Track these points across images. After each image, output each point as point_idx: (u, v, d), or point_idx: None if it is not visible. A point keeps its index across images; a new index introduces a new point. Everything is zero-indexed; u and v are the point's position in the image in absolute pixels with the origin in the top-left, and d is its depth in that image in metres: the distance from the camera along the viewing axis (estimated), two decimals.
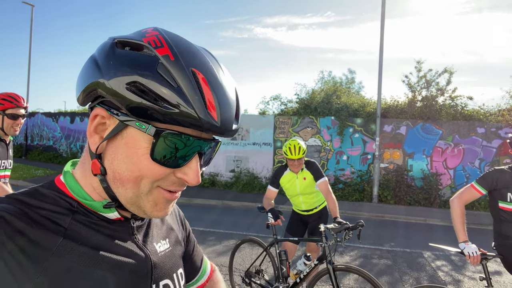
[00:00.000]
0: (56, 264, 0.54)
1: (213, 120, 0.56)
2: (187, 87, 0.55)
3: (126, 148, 0.59)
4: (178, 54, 0.57)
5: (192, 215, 8.62)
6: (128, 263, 0.63)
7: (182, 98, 0.54)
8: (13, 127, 2.78)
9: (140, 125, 0.56)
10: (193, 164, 0.61)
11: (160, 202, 0.62)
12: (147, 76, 0.54)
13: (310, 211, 4.04)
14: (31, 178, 13.06)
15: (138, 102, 0.54)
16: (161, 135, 0.56)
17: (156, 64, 0.55)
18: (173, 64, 0.56)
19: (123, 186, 0.60)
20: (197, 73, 0.57)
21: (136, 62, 0.56)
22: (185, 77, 0.55)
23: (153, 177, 0.59)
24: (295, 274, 3.48)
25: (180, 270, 0.77)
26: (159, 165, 0.58)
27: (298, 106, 13.37)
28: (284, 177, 3.92)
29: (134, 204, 0.61)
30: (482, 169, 11.38)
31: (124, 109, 0.56)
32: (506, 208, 2.68)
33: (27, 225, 0.54)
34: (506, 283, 4.95)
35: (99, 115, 0.60)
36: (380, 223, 9.11)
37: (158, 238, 0.74)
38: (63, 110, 19.27)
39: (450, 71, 11.95)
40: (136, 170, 0.58)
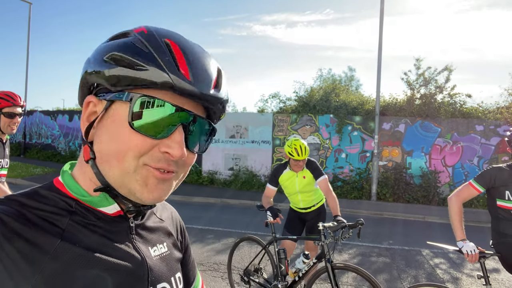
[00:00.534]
0: (53, 266, 0.54)
1: (184, 78, 0.57)
2: (158, 50, 0.58)
3: (111, 125, 0.59)
4: (153, 29, 0.61)
5: (191, 214, 8.62)
6: (125, 265, 0.62)
7: (152, 59, 0.57)
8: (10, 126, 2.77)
9: (119, 95, 0.58)
10: (176, 135, 0.59)
11: (150, 181, 0.60)
12: (123, 48, 0.58)
13: (308, 209, 4.05)
14: (29, 176, 13.03)
15: (115, 73, 0.58)
16: (137, 99, 0.57)
17: (132, 39, 0.59)
18: (146, 35, 0.59)
19: (109, 164, 0.59)
20: (170, 42, 0.59)
21: (116, 43, 0.60)
22: (157, 43, 0.58)
23: (135, 149, 0.58)
24: (293, 273, 3.49)
25: (178, 274, 0.76)
26: (139, 134, 0.57)
27: (297, 104, 13.36)
28: (284, 176, 3.92)
29: (123, 185, 0.60)
30: (480, 167, 11.40)
31: (108, 86, 0.59)
32: (504, 206, 2.69)
33: (24, 226, 0.54)
34: (504, 281, 4.97)
35: (90, 102, 0.63)
36: (378, 221, 9.13)
37: (156, 241, 0.74)
38: (62, 108, 19.21)
39: (450, 69, 11.95)
40: (119, 144, 0.58)
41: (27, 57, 19.42)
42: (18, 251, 0.52)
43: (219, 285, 4.35)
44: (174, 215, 0.88)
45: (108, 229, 0.64)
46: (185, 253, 0.87)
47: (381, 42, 12.04)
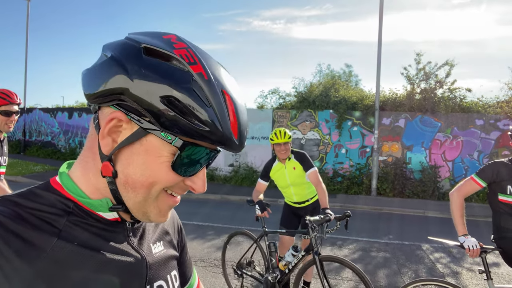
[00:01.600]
0: (50, 265, 0.54)
1: (234, 139, 0.60)
2: (219, 108, 0.58)
3: (145, 155, 0.59)
4: (211, 75, 0.59)
5: (191, 210, 8.63)
6: (123, 263, 0.63)
7: (214, 117, 0.57)
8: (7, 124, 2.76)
9: (165, 136, 0.58)
10: (202, 173, 0.65)
11: (164, 208, 0.65)
12: (182, 92, 0.56)
13: (302, 203, 4.05)
14: (29, 174, 13.03)
15: (170, 116, 0.56)
16: (186, 148, 0.59)
17: (190, 81, 0.57)
18: (206, 83, 0.58)
19: (134, 191, 0.61)
20: (225, 94, 0.60)
21: (170, 74, 0.56)
22: (217, 98, 0.58)
23: (167, 184, 0.61)
24: (284, 265, 3.55)
25: (174, 272, 0.77)
26: (175, 173, 0.60)
27: (296, 100, 13.35)
28: (274, 169, 3.97)
29: (140, 209, 0.63)
30: (480, 161, 11.41)
31: (149, 117, 0.57)
32: (506, 201, 2.68)
33: (21, 226, 0.54)
34: (505, 275, 4.98)
35: (115, 119, 0.59)
36: (378, 216, 9.15)
37: (153, 240, 0.74)
38: (61, 105, 19.20)
39: (451, 64, 11.91)
40: (152, 177, 0.60)
41: (26, 54, 19.38)
42: (14, 250, 0.52)
43: (219, 281, 4.36)
44: (172, 215, 0.88)
45: (105, 229, 0.64)
46: (182, 251, 0.88)
47: (380, 37, 12.00)
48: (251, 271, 3.99)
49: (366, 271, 5.04)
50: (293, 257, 3.47)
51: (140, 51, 0.58)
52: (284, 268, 3.54)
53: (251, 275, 3.96)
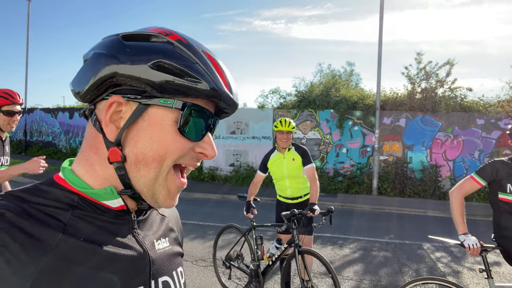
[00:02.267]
0: (55, 260, 0.54)
1: (227, 90, 0.64)
2: (204, 63, 0.63)
3: (150, 129, 0.62)
4: (188, 39, 0.64)
5: (192, 209, 8.64)
6: (127, 257, 0.63)
7: (202, 72, 0.62)
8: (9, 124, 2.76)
9: (165, 101, 0.61)
10: (208, 138, 0.67)
11: (172, 190, 0.65)
12: (168, 56, 0.60)
13: (295, 199, 4.07)
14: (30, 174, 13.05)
15: (164, 79, 0.60)
16: (187, 107, 0.62)
17: (173, 47, 0.62)
18: (187, 46, 0.63)
19: (146, 167, 0.62)
20: (206, 54, 0.64)
21: (153, 47, 0.62)
22: (200, 55, 0.63)
23: (178, 152, 0.63)
24: (268, 257, 3.72)
25: (180, 268, 0.77)
26: (184, 138, 0.63)
27: (297, 99, 13.35)
28: (272, 159, 4.01)
29: (150, 189, 0.64)
30: (481, 161, 11.40)
31: (148, 89, 0.61)
32: (506, 199, 2.68)
33: (26, 221, 0.55)
34: (505, 274, 4.98)
35: (115, 102, 0.62)
36: (379, 215, 9.15)
37: (158, 235, 0.74)
38: (62, 105, 19.23)
39: (451, 63, 11.90)
40: (162, 148, 0.61)
41: (27, 54, 19.41)
42: (20, 245, 0.52)
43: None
44: (175, 213, 0.89)
45: (110, 222, 0.64)
46: None
47: (381, 37, 12.00)
48: (239, 264, 4.12)
49: (367, 270, 5.05)
50: (276, 250, 3.66)
51: (119, 40, 0.63)
52: (268, 260, 3.71)
53: (238, 267, 4.09)
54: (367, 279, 4.73)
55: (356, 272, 4.94)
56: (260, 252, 3.82)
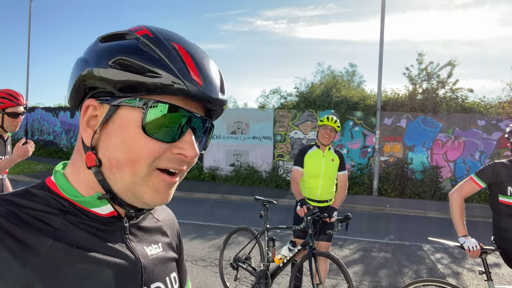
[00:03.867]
0: (45, 266, 0.54)
1: (197, 84, 0.59)
2: (169, 56, 0.58)
3: (119, 131, 0.59)
4: (156, 32, 0.61)
5: (192, 209, 8.64)
6: (118, 264, 0.62)
7: (165, 66, 0.57)
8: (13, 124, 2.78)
9: (129, 101, 0.58)
10: (188, 137, 0.61)
11: (161, 187, 0.61)
12: (130, 53, 0.58)
13: (321, 202, 3.83)
14: (31, 173, 13.08)
15: (124, 78, 0.57)
16: (150, 105, 0.58)
17: (137, 43, 0.59)
18: (152, 39, 0.59)
19: (120, 171, 0.60)
20: (177, 46, 0.60)
21: (119, 45, 0.60)
22: (166, 48, 0.59)
23: (149, 155, 0.59)
24: (279, 259, 3.66)
25: (173, 274, 0.76)
26: (153, 140, 0.58)
27: (297, 100, 13.34)
28: (310, 154, 3.85)
29: (131, 191, 0.61)
30: (482, 162, 11.38)
31: (114, 90, 0.59)
32: (506, 202, 2.68)
33: (16, 226, 0.54)
34: (505, 275, 4.97)
35: (90, 106, 0.61)
36: (380, 216, 9.14)
37: (150, 241, 0.73)
38: (63, 104, 19.22)
39: (453, 64, 11.89)
40: (132, 151, 0.58)
41: (28, 53, 19.43)
42: (9, 251, 0.52)
43: (220, 281, 4.37)
44: (171, 217, 0.87)
45: (101, 229, 0.63)
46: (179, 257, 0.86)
47: (382, 38, 11.99)
48: (247, 266, 4.08)
49: (366, 271, 5.05)
50: (289, 252, 3.59)
51: (96, 42, 0.63)
52: (279, 262, 3.65)
53: (245, 268, 4.05)
54: (367, 280, 4.73)
55: (356, 273, 4.94)
56: (271, 254, 3.75)
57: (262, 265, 3.78)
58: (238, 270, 4.20)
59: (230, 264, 4.21)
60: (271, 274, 3.71)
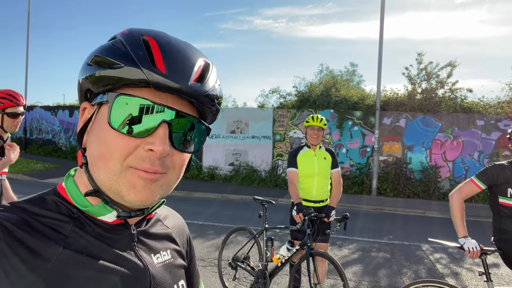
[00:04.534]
0: (55, 274, 0.54)
1: (159, 72, 0.56)
2: (134, 48, 0.58)
3: (97, 128, 0.61)
4: (134, 29, 0.62)
5: (191, 209, 8.64)
6: (127, 273, 0.62)
7: (127, 56, 0.57)
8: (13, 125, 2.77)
9: (102, 98, 0.59)
10: (159, 131, 0.58)
11: (137, 183, 0.58)
12: (104, 50, 0.60)
13: (318, 202, 3.83)
14: (30, 172, 13.06)
15: (96, 73, 0.59)
16: (115, 99, 0.57)
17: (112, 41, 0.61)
18: (125, 35, 0.61)
19: (96, 168, 0.60)
20: (148, 38, 0.59)
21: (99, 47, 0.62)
22: (134, 40, 0.59)
23: (119, 151, 0.57)
24: (277, 259, 3.67)
25: (181, 281, 0.75)
26: (122, 134, 0.57)
27: (297, 99, 13.35)
28: (302, 154, 3.86)
29: (110, 188, 0.59)
30: (481, 162, 11.40)
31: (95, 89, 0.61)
32: (506, 204, 2.68)
33: (27, 234, 0.54)
34: (504, 276, 4.98)
35: (86, 109, 0.64)
36: (378, 216, 9.15)
37: (159, 248, 0.73)
38: (62, 103, 19.21)
39: (453, 64, 11.91)
40: (103, 146, 0.58)
41: (27, 51, 19.37)
42: (20, 259, 0.52)
43: (219, 281, 4.37)
44: (181, 224, 0.86)
45: (109, 237, 0.63)
46: (190, 262, 0.86)
47: (381, 37, 11.99)
48: (245, 266, 4.08)
49: (366, 271, 5.05)
50: (287, 251, 3.60)
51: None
52: (277, 261, 3.66)
53: (244, 267, 4.06)
54: (366, 280, 4.74)
55: (355, 273, 4.95)
56: (270, 253, 3.77)
57: (260, 265, 3.79)
58: (236, 270, 4.21)
59: (229, 263, 4.22)
60: (270, 274, 3.72)
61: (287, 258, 3.59)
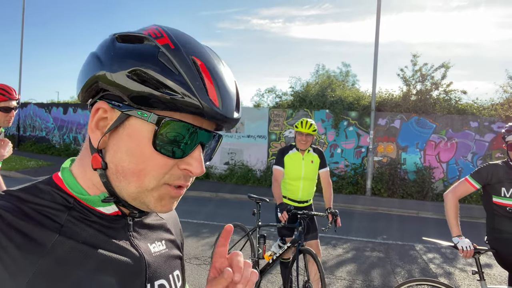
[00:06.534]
0: (51, 260, 0.54)
1: (215, 106, 0.57)
2: (188, 74, 0.56)
3: (128, 140, 0.59)
4: (178, 43, 0.58)
5: (187, 208, 8.61)
6: (122, 261, 0.62)
7: (184, 84, 0.56)
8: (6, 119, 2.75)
9: (142, 114, 0.57)
10: (196, 153, 0.61)
11: (166, 198, 0.62)
12: (148, 64, 0.56)
13: (303, 203, 3.90)
14: (23, 169, 12.94)
15: (140, 90, 0.56)
16: (163, 122, 0.57)
17: (157, 53, 0.57)
18: (173, 52, 0.57)
19: (126, 179, 0.60)
20: (197, 61, 0.58)
21: (137, 52, 0.57)
22: (186, 64, 0.57)
23: (157, 170, 0.59)
24: (269, 256, 3.69)
25: (176, 272, 0.76)
26: (161, 155, 0.58)
27: (293, 99, 13.36)
28: (290, 156, 3.83)
29: (136, 199, 0.61)
30: (474, 163, 11.49)
31: (126, 99, 0.57)
32: (500, 203, 2.70)
33: (22, 221, 0.54)
34: (496, 276, 5.03)
35: (100, 109, 0.60)
36: (373, 216, 9.19)
37: (154, 238, 0.74)
38: (56, 100, 19.07)
39: (447, 66, 11.99)
40: (140, 163, 0.58)
41: (21, 48, 19.21)
42: (16, 246, 0.52)
43: None
44: (174, 215, 0.87)
45: (105, 226, 0.63)
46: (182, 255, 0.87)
47: (377, 38, 12.05)
48: None
49: (359, 270, 5.07)
50: (279, 248, 3.63)
51: (113, 40, 0.61)
52: (268, 258, 3.68)
53: None
54: (360, 279, 4.75)
55: (349, 272, 4.96)
56: (262, 250, 3.76)
57: (251, 261, 3.77)
58: None
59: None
60: (261, 271, 3.74)
61: (278, 255, 3.61)
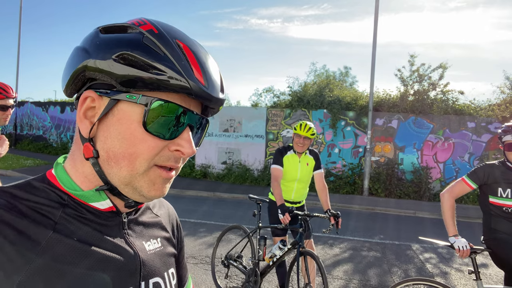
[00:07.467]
0: (45, 257, 0.54)
1: (201, 84, 0.59)
2: (174, 55, 0.58)
3: (118, 125, 0.59)
4: (161, 29, 0.60)
5: (184, 207, 8.60)
6: (117, 259, 0.63)
7: (170, 63, 0.57)
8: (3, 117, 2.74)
9: (130, 97, 0.58)
10: (186, 135, 0.62)
11: (158, 181, 0.62)
12: (134, 48, 0.57)
13: (296, 203, 3.94)
14: (20, 168, 12.89)
15: (127, 73, 0.57)
16: (152, 103, 0.58)
17: (141, 38, 0.58)
18: (157, 35, 0.59)
19: (117, 164, 0.60)
20: (181, 44, 0.60)
21: (122, 39, 0.59)
22: (171, 46, 0.58)
23: (148, 152, 0.59)
24: (269, 258, 3.66)
25: (171, 269, 0.76)
26: (152, 136, 0.59)
27: (290, 99, 13.36)
28: (288, 157, 3.84)
29: (128, 184, 0.61)
30: (471, 163, 11.53)
31: (115, 84, 0.58)
32: (496, 203, 2.72)
33: (16, 218, 0.54)
34: (493, 275, 5.05)
35: (88, 97, 0.61)
36: (370, 215, 9.21)
37: (149, 236, 0.74)
38: (53, 99, 18.99)
39: (444, 66, 12.02)
40: (131, 146, 0.59)
41: (18, 47, 19.11)
42: (9, 242, 0.52)
43: (210, 278, 4.36)
44: (170, 212, 0.88)
45: (100, 223, 0.63)
46: (180, 252, 0.86)
47: (375, 39, 12.06)
48: (238, 264, 4.07)
49: (356, 270, 5.08)
50: (279, 250, 3.60)
51: (96, 32, 0.62)
52: (269, 260, 3.65)
53: (236, 266, 4.05)
54: (356, 278, 4.76)
55: (346, 272, 4.97)
56: (262, 252, 3.75)
57: (251, 263, 3.79)
58: (229, 268, 4.21)
59: (222, 261, 4.22)
60: (261, 273, 3.72)
61: (278, 257, 3.58)
